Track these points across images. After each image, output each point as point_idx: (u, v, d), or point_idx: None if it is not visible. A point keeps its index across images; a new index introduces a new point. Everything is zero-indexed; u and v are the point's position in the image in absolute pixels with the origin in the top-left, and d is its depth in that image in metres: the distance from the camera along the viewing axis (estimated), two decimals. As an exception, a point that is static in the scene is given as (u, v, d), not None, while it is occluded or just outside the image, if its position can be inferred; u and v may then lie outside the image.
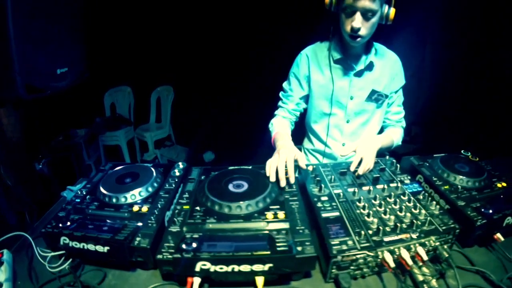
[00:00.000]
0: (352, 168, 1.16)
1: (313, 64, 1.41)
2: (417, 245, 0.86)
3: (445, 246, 0.89)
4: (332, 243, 0.82)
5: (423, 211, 0.94)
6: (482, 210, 0.97)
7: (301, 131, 1.67)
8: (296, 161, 1.12)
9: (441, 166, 1.21)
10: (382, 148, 1.37)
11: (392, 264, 0.81)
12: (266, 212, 0.90)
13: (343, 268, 0.82)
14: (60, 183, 2.01)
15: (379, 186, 1.08)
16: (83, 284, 0.85)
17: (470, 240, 1.00)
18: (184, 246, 0.78)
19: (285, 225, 0.86)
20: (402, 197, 1.02)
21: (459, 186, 1.11)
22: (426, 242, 0.87)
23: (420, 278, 0.81)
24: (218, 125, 4.12)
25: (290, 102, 1.50)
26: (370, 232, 0.88)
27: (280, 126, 1.42)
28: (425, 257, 0.84)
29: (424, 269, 0.83)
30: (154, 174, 1.15)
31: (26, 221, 1.43)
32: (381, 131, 1.55)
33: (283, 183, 1.03)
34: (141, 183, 1.10)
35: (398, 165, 1.23)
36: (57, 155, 3.07)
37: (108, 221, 0.95)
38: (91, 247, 0.88)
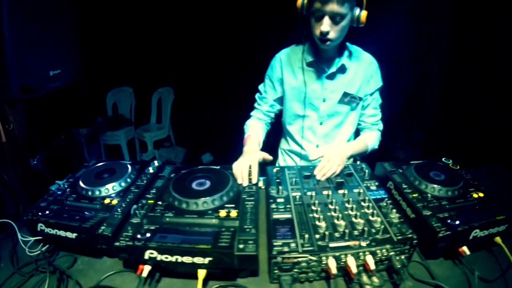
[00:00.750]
0: (316, 172, 1.20)
1: (287, 67, 1.47)
2: (367, 253, 0.85)
3: (402, 257, 0.88)
4: (275, 244, 0.85)
5: (379, 219, 0.94)
6: (448, 221, 0.94)
7: (279, 132, 1.75)
8: (264, 160, 1.23)
9: (414, 173, 1.18)
10: (355, 154, 1.42)
11: (334, 271, 0.82)
12: (220, 210, 0.99)
13: (285, 270, 0.85)
14: (60, 179, 2.16)
15: (341, 191, 1.10)
16: (55, 267, 0.96)
17: (434, 252, 0.98)
18: (138, 235, 0.88)
19: (235, 224, 0.93)
20: (362, 203, 1.03)
21: (429, 195, 1.08)
22: (378, 251, 0.86)
23: (367, 287, 0.82)
24: (217, 127, 4.24)
25: (264, 104, 1.57)
26: (317, 236, 0.88)
27: (253, 129, 1.50)
28: (373, 266, 0.83)
29: (374, 279, 0.84)
30: (129, 170, 1.27)
31: (20, 212, 1.56)
32: (357, 133, 1.60)
33: (245, 183, 1.12)
34: (115, 178, 1.22)
35: (367, 171, 1.24)
36: (58, 153, 3.25)
37: (82, 211, 1.06)
38: (62, 233, 1.00)
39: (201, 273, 0.83)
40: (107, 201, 1.11)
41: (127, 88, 3.95)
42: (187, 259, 0.82)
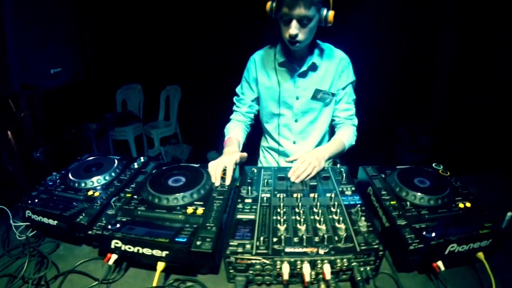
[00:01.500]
0: (290, 174, 1.23)
1: (260, 68, 1.54)
2: (325, 261, 0.83)
3: (368, 268, 0.85)
4: (231, 243, 0.87)
5: (344, 226, 0.93)
6: (424, 233, 0.88)
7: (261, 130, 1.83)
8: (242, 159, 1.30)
9: (396, 179, 1.14)
10: (334, 154, 1.45)
11: (286, 277, 0.81)
12: (188, 207, 1.06)
13: (240, 270, 0.86)
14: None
15: (312, 195, 1.10)
16: (37, 250, 1.07)
17: (406, 264, 0.93)
18: (109, 226, 0.97)
19: (199, 221, 0.98)
20: (332, 208, 1.01)
21: (408, 203, 1.03)
22: (338, 261, 0.83)
23: None
24: (223, 126, 4.34)
25: (243, 105, 1.64)
26: (275, 239, 0.88)
27: (233, 132, 1.57)
28: (328, 276, 0.81)
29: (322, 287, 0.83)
30: (115, 165, 1.36)
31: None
32: (332, 129, 1.66)
33: (217, 183, 1.19)
34: (101, 172, 1.32)
35: (345, 175, 1.23)
36: (68, 147, 3.44)
37: (66, 201, 1.16)
38: (45, 220, 1.10)
39: (160, 266, 0.89)
40: (90, 192, 1.21)
41: (136, 86, 4.11)
42: (147, 251, 0.90)
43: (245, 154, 1.33)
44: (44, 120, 3.33)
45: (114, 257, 0.94)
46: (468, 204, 1.04)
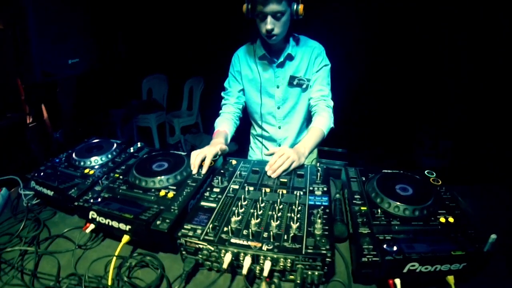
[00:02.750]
0: (266, 168, 1.28)
1: (243, 62, 1.72)
2: (268, 258, 0.85)
3: (316, 273, 0.85)
4: (185, 227, 0.95)
5: (296, 226, 0.93)
6: (385, 245, 0.84)
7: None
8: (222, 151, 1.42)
9: (374, 183, 1.11)
10: (313, 147, 1.52)
11: (225, 265, 0.86)
12: (162, 190, 1.19)
13: (190, 252, 0.94)
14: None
15: (279, 191, 1.12)
16: (36, 216, 1.26)
17: (361, 276, 0.90)
18: (91, 200, 1.14)
19: (167, 203, 1.10)
20: (293, 206, 1.03)
21: (380, 210, 0.99)
22: (282, 260, 0.85)
23: None
24: (242, 118, 4.49)
25: (231, 97, 1.79)
26: (225, 229, 0.93)
27: (222, 125, 1.69)
28: (265, 273, 0.83)
29: (263, 285, 0.86)
30: (113, 148, 1.54)
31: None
32: (309, 115, 1.75)
33: (194, 171, 1.31)
34: (99, 153, 1.50)
35: (319, 174, 1.24)
36: (95, 130, 3.76)
37: (65, 177, 1.35)
38: (45, 191, 1.30)
39: (125, 238, 1.03)
40: (86, 170, 1.39)
41: (162, 76, 4.36)
42: (115, 224, 1.05)
43: (224, 147, 1.45)
44: (76, 105, 3.69)
45: (91, 226, 1.11)
46: (450, 219, 0.95)
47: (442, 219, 0.96)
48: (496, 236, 0.81)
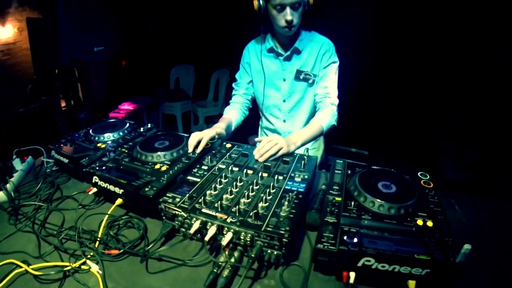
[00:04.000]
0: (254, 152, 1.37)
1: (252, 54, 1.81)
2: (231, 229, 0.94)
3: (275, 252, 0.91)
4: (167, 195, 1.07)
5: (264, 205, 1.01)
6: (345, 237, 0.86)
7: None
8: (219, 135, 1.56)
9: (356, 177, 1.12)
10: (309, 139, 1.56)
11: (192, 231, 0.97)
12: (157, 164, 1.35)
13: (168, 218, 1.05)
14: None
15: (262, 174, 1.21)
16: (53, 180, 1.48)
17: (319, 264, 0.94)
18: (97, 167, 1.33)
19: (159, 175, 1.25)
20: (269, 189, 1.09)
21: (353, 203, 1.01)
22: (242, 233, 0.92)
23: (222, 258, 0.92)
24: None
25: (240, 88, 1.90)
26: (200, 200, 1.04)
27: (228, 113, 1.82)
28: (224, 242, 0.92)
29: (223, 255, 0.93)
30: (125, 127, 1.73)
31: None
32: (315, 110, 1.78)
33: (190, 150, 1.46)
34: (113, 131, 1.70)
35: (304, 162, 1.30)
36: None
37: (81, 148, 1.55)
38: (61, 159, 1.52)
39: (118, 201, 1.20)
40: (99, 144, 1.59)
41: (190, 66, 4.59)
42: (112, 188, 1.22)
43: (221, 131, 1.58)
44: (106, 90, 4.03)
45: (94, 189, 1.30)
46: (429, 223, 0.93)
47: (420, 222, 0.94)
48: (470, 246, 0.76)
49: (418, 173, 1.24)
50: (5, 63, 2.79)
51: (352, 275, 0.85)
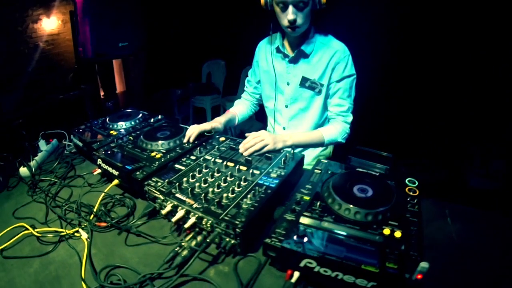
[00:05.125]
0: (240, 146, 1.45)
1: (262, 53, 1.80)
2: (196, 214, 1.04)
3: (232, 241, 0.99)
4: (153, 179, 1.23)
5: (230, 195, 1.09)
6: (295, 236, 0.89)
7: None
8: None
9: (332, 178, 1.14)
10: (302, 143, 1.58)
11: (164, 212, 1.10)
12: (154, 152, 1.52)
13: (151, 199, 1.20)
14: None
15: (240, 167, 1.29)
16: (69, 161, 1.74)
17: (271, 259, 0.98)
18: (103, 151, 1.55)
19: (152, 161, 1.43)
20: (242, 182, 1.17)
21: (319, 204, 1.01)
22: (204, 219, 1.02)
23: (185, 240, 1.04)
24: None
25: (250, 86, 1.97)
26: (176, 186, 1.15)
27: (235, 108, 1.95)
28: (186, 225, 1.03)
29: (186, 238, 1.05)
30: (137, 117, 1.95)
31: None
32: (322, 124, 1.77)
33: (185, 140, 1.61)
34: (126, 120, 1.92)
35: (285, 159, 1.34)
36: (155, 105, 4.39)
37: (96, 134, 1.79)
38: (78, 143, 1.77)
39: (114, 181, 1.40)
40: (112, 132, 1.82)
41: (221, 62, 4.80)
42: (110, 169, 1.42)
43: (216, 125, 1.69)
44: (142, 82, 4.38)
45: (98, 171, 1.51)
46: (397, 234, 0.87)
47: (387, 231, 0.89)
48: (427, 265, 0.73)
49: (406, 180, 1.17)
50: (49, 52, 3.20)
51: (296, 274, 0.87)
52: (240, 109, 1.97)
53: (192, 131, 1.62)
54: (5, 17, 3.23)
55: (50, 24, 3.45)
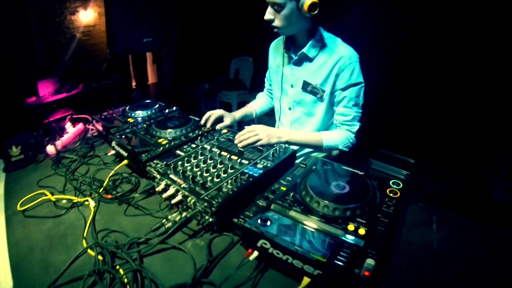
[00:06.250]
0: (235, 137, 1.57)
1: (272, 53, 1.91)
2: (183, 193, 1.21)
3: (210, 220, 1.15)
4: (154, 161, 1.43)
5: (214, 179, 1.26)
6: (260, 219, 1.00)
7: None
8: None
9: (313, 172, 1.25)
10: (299, 142, 1.65)
11: (158, 189, 1.30)
12: (161, 138, 1.76)
13: (151, 178, 1.41)
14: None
15: (232, 157, 1.44)
16: (90, 143, 2.02)
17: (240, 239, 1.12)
18: (117, 135, 1.80)
19: (159, 146, 1.66)
20: (229, 169, 1.32)
21: (292, 195, 1.12)
22: (190, 197, 1.18)
23: (173, 214, 1.22)
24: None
25: (267, 83, 2.10)
26: (172, 168, 1.35)
27: (255, 101, 2.16)
28: (173, 201, 1.22)
29: (173, 212, 1.24)
30: (154, 107, 2.20)
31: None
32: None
33: (202, 123, 1.83)
34: (144, 109, 2.17)
35: (273, 153, 1.46)
36: (183, 98, 4.69)
37: (114, 120, 2.07)
38: (98, 127, 2.05)
39: (124, 161, 1.62)
40: (129, 119, 2.08)
41: (249, 58, 5.00)
42: (122, 151, 1.67)
43: (227, 121, 1.88)
44: (173, 74, 4.69)
45: (112, 152, 1.77)
46: (361, 231, 0.94)
47: (351, 227, 0.96)
48: (373, 263, 0.81)
49: (390, 182, 1.21)
50: (85, 43, 3.60)
51: (255, 253, 0.98)
52: (259, 103, 2.13)
53: (208, 116, 1.82)
54: (45, 8, 3.68)
55: (87, 16, 3.87)
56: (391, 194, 1.13)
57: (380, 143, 3.83)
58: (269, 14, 1.47)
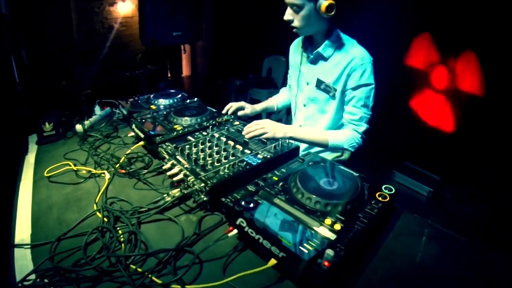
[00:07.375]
0: (244, 128, 1.70)
1: (293, 51, 2.02)
2: (186, 172, 1.39)
3: (205, 199, 1.30)
4: (166, 143, 1.60)
5: (215, 163, 1.42)
6: (244, 201, 1.14)
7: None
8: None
9: (304, 166, 1.38)
10: (304, 139, 1.75)
11: (165, 167, 1.49)
12: (176, 125, 1.97)
13: (162, 158, 1.60)
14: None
15: (235, 145, 1.60)
16: (115, 125, 2.28)
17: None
18: (139, 119, 2.04)
19: (173, 131, 1.86)
20: (230, 156, 1.48)
21: (281, 185, 1.23)
22: (190, 177, 1.35)
23: (174, 190, 1.39)
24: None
25: (289, 79, 2.18)
26: (179, 150, 1.55)
27: (278, 95, 2.34)
28: (175, 178, 1.40)
29: (174, 190, 1.39)
30: (177, 97, 2.42)
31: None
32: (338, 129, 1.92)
33: (224, 111, 2.03)
34: (166, 98, 2.41)
35: (274, 146, 1.59)
36: (215, 92, 4.95)
37: (139, 107, 2.31)
38: (123, 111, 2.31)
39: (140, 143, 1.84)
40: (152, 106, 2.32)
41: (281, 57, 5.15)
42: (140, 133, 1.89)
43: (247, 110, 2.07)
44: (206, 68, 4.96)
45: (132, 133, 2.01)
46: (337, 226, 1.02)
47: (328, 221, 1.04)
48: (332, 253, 0.87)
49: (383, 186, 1.26)
50: (122, 33, 3.95)
51: (234, 231, 1.10)
52: (281, 97, 2.29)
53: (230, 105, 2.02)
54: (85, -1, 4.10)
55: (125, 7, 4.23)
56: (380, 198, 1.19)
57: (406, 155, 3.81)
58: (288, 14, 1.58)
